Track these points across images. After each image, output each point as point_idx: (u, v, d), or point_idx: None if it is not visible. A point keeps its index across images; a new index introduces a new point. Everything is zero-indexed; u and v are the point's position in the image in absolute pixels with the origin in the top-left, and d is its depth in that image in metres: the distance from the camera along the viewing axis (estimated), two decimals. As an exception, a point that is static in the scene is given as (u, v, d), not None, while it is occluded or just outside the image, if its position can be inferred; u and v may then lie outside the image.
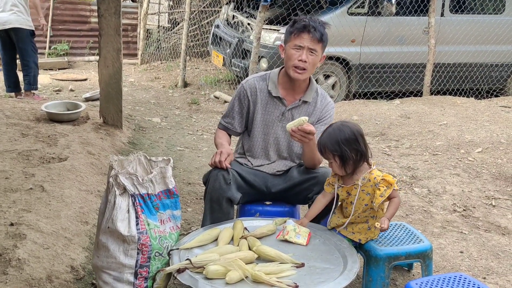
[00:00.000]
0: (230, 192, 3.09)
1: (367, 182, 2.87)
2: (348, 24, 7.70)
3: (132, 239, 2.62)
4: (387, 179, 2.84)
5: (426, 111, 7.22)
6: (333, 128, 2.88)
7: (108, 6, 5.20)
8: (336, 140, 2.82)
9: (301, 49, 3.10)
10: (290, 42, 3.13)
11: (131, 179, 2.67)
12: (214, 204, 3.11)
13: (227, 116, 3.36)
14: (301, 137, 2.99)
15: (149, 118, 6.73)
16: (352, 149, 2.81)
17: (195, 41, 11.05)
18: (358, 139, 2.83)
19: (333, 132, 2.85)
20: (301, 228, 2.85)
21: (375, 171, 2.89)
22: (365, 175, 2.87)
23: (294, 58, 3.11)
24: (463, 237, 3.97)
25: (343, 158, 2.81)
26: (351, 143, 2.81)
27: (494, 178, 5.07)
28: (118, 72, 5.41)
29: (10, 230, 3.23)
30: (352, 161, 2.82)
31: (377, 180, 2.84)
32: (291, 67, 3.13)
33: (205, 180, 3.23)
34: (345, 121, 2.94)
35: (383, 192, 2.81)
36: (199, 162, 5.22)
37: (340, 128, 2.85)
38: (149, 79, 9.76)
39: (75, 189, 3.98)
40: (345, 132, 2.83)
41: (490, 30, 8.47)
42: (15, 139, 4.83)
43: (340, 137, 2.82)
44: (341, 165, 2.84)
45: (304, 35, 3.08)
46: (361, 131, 2.89)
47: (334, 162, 2.85)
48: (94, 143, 4.98)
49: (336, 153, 2.82)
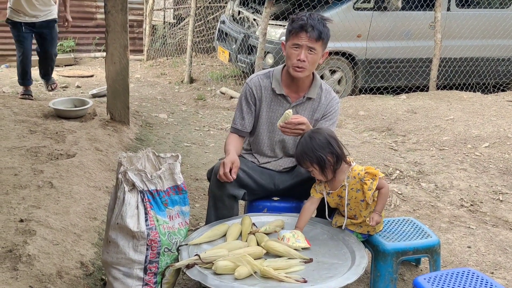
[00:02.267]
0: (232, 189, 3.10)
1: (352, 179, 2.90)
2: (354, 19, 7.68)
3: (142, 235, 2.64)
4: (369, 171, 2.88)
5: (433, 106, 7.21)
6: (304, 138, 2.92)
7: (115, 3, 5.21)
8: (310, 148, 2.86)
9: (300, 48, 3.09)
10: (289, 41, 3.12)
11: (140, 175, 2.69)
12: (217, 201, 3.13)
13: (237, 118, 3.34)
14: (292, 131, 3.02)
15: (156, 114, 6.75)
16: (327, 153, 2.84)
17: (201, 36, 11.05)
18: (330, 142, 2.87)
19: (305, 142, 2.90)
20: (297, 232, 2.85)
21: (356, 167, 2.93)
22: (348, 174, 2.90)
23: (293, 57, 3.11)
24: (470, 232, 3.97)
25: (320, 164, 2.84)
26: (324, 148, 2.85)
27: (502, 173, 5.06)
28: (125, 68, 5.42)
29: (20, 226, 3.26)
30: (330, 164, 2.86)
31: (361, 175, 2.88)
32: (291, 66, 3.14)
33: (209, 175, 3.24)
34: (315, 129, 3.01)
35: (370, 185, 2.85)
36: (206, 158, 5.23)
37: (311, 136, 2.90)
38: (155, 75, 9.78)
39: (84, 185, 4.00)
40: (316, 139, 2.87)
41: (497, 24, 8.43)
42: (23, 136, 4.86)
43: (313, 145, 2.86)
44: (321, 171, 2.88)
45: (302, 34, 3.07)
46: (333, 133, 2.94)
47: (314, 169, 2.89)
48: (102, 139, 5.00)
49: (313, 161, 2.85)
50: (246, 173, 3.18)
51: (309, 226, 3.00)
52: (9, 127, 5.06)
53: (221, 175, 3.04)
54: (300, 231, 2.87)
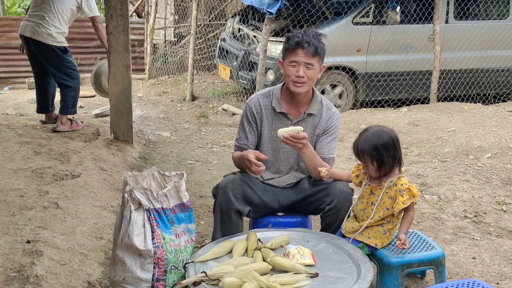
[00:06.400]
0: (239, 205, 3.14)
1: (393, 186, 2.93)
2: (353, 34, 7.75)
3: (148, 253, 2.67)
4: (412, 189, 2.92)
5: (434, 118, 7.24)
6: (371, 133, 2.95)
7: (117, 24, 5.28)
8: (375, 145, 2.89)
9: (298, 65, 3.15)
10: (287, 59, 3.18)
11: (146, 194, 2.72)
12: (224, 216, 3.16)
13: (240, 138, 3.38)
14: (294, 143, 3.06)
15: (159, 133, 6.79)
16: (390, 155, 2.89)
17: (202, 54, 11.13)
18: (396, 145, 2.93)
19: (371, 137, 2.92)
20: (303, 249, 2.86)
21: (403, 178, 2.97)
22: (393, 179, 2.94)
23: (291, 74, 3.16)
24: (475, 243, 3.98)
25: (380, 163, 2.89)
26: (389, 148, 2.89)
27: (504, 183, 5.07)
28: (128, 88, 5.48)
29: (27, 247, 3.29)
30: (389, 166, 2.91)
31: (403, 188, 2.91)
32: (290, 82, 3.19)
33: (214, 192, 3.27)
34: (383, 126, 3.02)
35: (406, 200, 2.88)
36: (210, 175, 5.26)
37: (378, 133, 2.92)
38: (157, 93, 9.84)
39: (89, 205, 4.03)
40: (383, 137, 2.91)
41: (495, 35, 8.48)
42: (28, 157, 4.90)
43: (378, 142, 2.89)
44: (378, 169, 2.93)
45: (299, 51, 3.13)
46: (397, 136, 2.98)
47: (371, 166, 2.93)
48: (106, 159, 5.04)
49: (374, 158, 2.90)
50: (252, 189, 3.22)
51: (315, 240, 3.02)
52: (14, 149, 5.10)
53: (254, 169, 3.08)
54: (306, 248, 2.87)
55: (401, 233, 2.96)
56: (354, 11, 7.80)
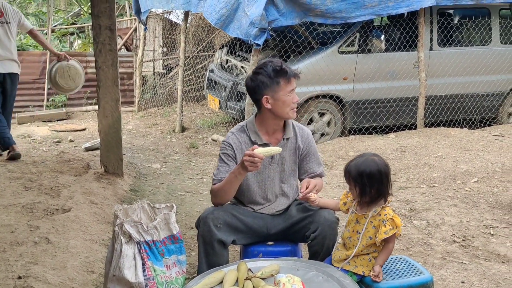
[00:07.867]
0: (221, 234, 3.15)
1: (377, 215, 2.97)
2: (339, 63, 7.87)
3: (139, 285, 2.69)
4: (395, 220, 2.95)
5: (421, 144, 7.33)
6: (364, 159, 2.99)
7: (106, 59, 5.35)
8: (361, 172, 2.93)
9: (292, 91, 3.26)
10: (282, 91, 3.23)
11: (136, 226, 2.76)
12: (208, 247, 3.16)
13: (221, 172, 3.30)
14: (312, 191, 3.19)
15: (149, 165, 6.82)
16: (373, 186, 2.92)
17: (191, 85, 11.23)
18: (382, 179, 2.94)
19: (361, 163, 2.97)
20: (293, 277, 2.87)
21: (388, 208, 3.00)
22: (377, 208, 2.98)
23: (289, 102, 3.25)
24: (463, 267, 4.03)
25: (362, 190, 2.93)
26: (373, 180, 2.92)
27: (491, 207, 5.14)
28: (117, 121, 5.53)
29: (18, 283, 3.29)
30: (369, 196, 2.94)
31: (387, 218, 2.94)
32: (289, 111, 3.27)
33: (197, 224, 3.29)
34: (379, 158, 3.03)
35: (388, 230, 2.92)
36: (200, 206, 5.29)
37: (368, 162, 2.96)
38: (147, 125, 9.90)
39: (80, 239, 4.04)
40: (371, 168, 2.93)
41: (479, 61, 8.63)
42: (19, 193, 4.91)
43: (365, 171, 2.93)
44: (359, 195, 2.97)
45: (291, 78, 3.25)
46: (388, 170, 2.99)
47: (353, 190, 2.97)
48: (96, 192, 5.06)
49: (358, 184, 2.94)
50: (237, 217, 3.25)
51: (305, 269, 3.04)
52: (4, 185, 5.12)
53: (253, 164, 3.03)
54: (296, 277, 2.89)
55: (377, 265, 2.99)
56: (340, 40, 7.94)
